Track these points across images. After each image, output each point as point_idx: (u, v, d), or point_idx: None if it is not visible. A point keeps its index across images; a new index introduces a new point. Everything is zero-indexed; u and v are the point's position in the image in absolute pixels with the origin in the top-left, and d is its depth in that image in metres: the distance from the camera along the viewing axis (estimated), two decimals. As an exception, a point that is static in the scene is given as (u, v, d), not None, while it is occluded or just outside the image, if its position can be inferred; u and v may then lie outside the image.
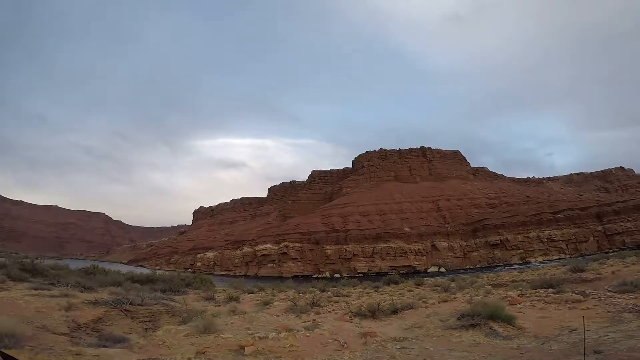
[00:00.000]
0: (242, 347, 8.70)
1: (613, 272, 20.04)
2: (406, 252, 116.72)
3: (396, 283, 31.29)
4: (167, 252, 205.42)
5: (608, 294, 13.80)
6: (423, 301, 17.12)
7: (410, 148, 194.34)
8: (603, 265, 25.97)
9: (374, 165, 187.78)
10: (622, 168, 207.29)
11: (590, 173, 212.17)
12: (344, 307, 17.89)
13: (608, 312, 10.95)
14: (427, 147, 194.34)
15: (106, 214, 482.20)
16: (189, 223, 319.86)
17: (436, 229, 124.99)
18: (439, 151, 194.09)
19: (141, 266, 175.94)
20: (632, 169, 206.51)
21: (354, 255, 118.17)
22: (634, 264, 22.94)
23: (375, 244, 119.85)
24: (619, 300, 12.33)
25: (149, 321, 12.74)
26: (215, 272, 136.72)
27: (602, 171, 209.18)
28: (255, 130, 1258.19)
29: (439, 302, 16.65)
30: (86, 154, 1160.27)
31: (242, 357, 8.27)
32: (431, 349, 8.93)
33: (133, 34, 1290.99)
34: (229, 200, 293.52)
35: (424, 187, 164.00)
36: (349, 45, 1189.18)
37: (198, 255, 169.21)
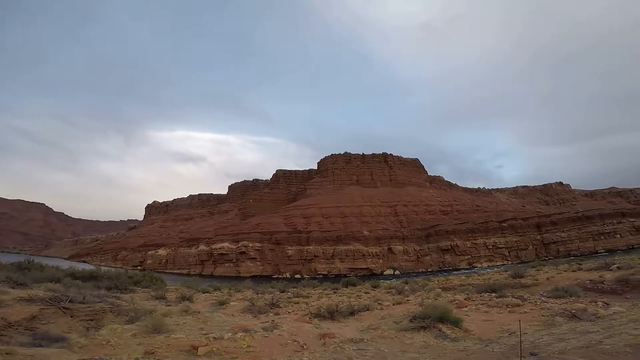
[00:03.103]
0: (195, 348, 8.36)
1: (548, 279, 21.77)
2: (364, 254, 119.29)
3: (354, 285, 31.95)
4: (115, 247, 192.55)
5: (543, 298, 14.99)
6: (378, 303, 17.58)
7: (373, 153, 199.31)
8: (539, 271, 28.14)
9: (338, 168, 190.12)
10: (560, 183, 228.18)
11: (534, 186, 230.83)
12: (303, 308, 17.88)
13: (543, 315, 11.91)
14: (388, 153, 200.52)
15: (46, 204, 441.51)
16: (141, 218, 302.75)
17: (393, 233, 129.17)
18: (399, 158, 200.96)
19: (84, 262, 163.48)
20: (569, 184, 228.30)
21: (315, 256, 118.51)
22: (565, 271, 25.16)
23: (335, 245, 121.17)
24: (552, 304, 13.41)
25: (92, 320, 11.93)
26: (168, 271, 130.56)
27: (543, 185, 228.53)
28: (218, 125, 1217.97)
29: (393, 305, 17.15)
30: (26, 138, 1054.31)
31: (195, 358, 7.96)
32: (385, 350, 9.20)
33: (91, 15, 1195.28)
34: (185, 196, 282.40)
35: (383, 192, 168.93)
36: (322, 48, 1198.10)
37: (149, 252, 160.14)
